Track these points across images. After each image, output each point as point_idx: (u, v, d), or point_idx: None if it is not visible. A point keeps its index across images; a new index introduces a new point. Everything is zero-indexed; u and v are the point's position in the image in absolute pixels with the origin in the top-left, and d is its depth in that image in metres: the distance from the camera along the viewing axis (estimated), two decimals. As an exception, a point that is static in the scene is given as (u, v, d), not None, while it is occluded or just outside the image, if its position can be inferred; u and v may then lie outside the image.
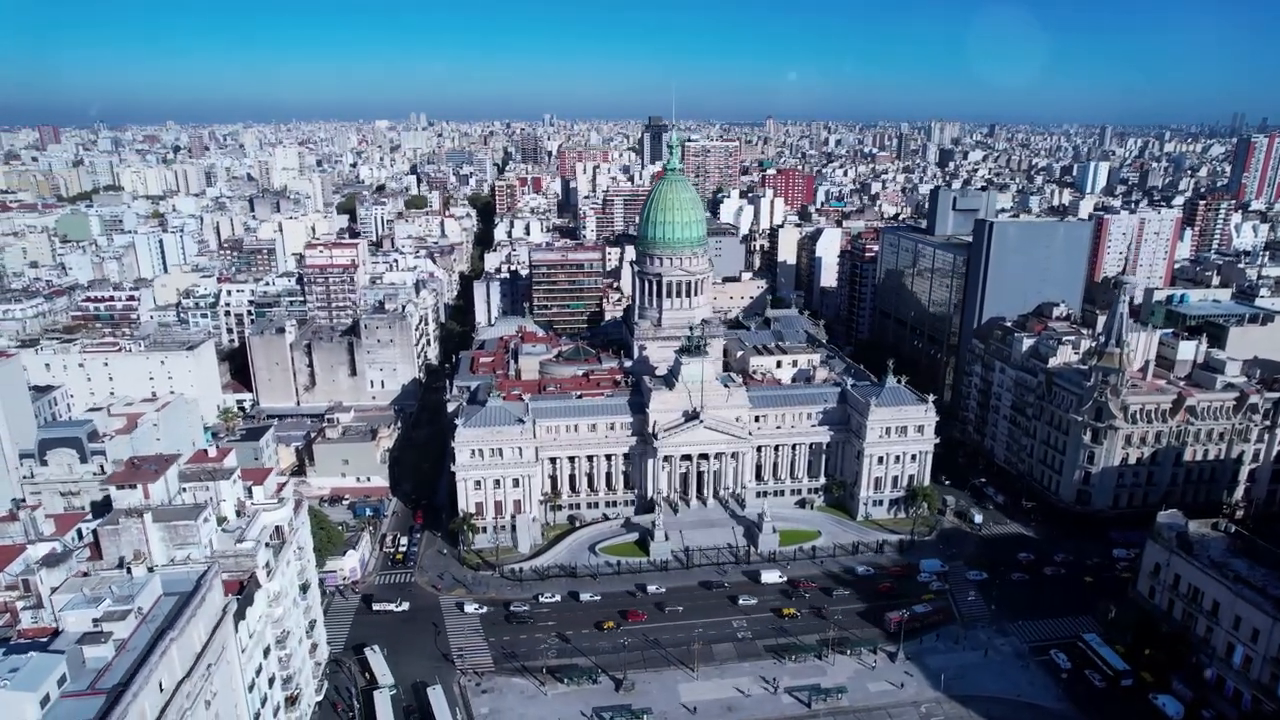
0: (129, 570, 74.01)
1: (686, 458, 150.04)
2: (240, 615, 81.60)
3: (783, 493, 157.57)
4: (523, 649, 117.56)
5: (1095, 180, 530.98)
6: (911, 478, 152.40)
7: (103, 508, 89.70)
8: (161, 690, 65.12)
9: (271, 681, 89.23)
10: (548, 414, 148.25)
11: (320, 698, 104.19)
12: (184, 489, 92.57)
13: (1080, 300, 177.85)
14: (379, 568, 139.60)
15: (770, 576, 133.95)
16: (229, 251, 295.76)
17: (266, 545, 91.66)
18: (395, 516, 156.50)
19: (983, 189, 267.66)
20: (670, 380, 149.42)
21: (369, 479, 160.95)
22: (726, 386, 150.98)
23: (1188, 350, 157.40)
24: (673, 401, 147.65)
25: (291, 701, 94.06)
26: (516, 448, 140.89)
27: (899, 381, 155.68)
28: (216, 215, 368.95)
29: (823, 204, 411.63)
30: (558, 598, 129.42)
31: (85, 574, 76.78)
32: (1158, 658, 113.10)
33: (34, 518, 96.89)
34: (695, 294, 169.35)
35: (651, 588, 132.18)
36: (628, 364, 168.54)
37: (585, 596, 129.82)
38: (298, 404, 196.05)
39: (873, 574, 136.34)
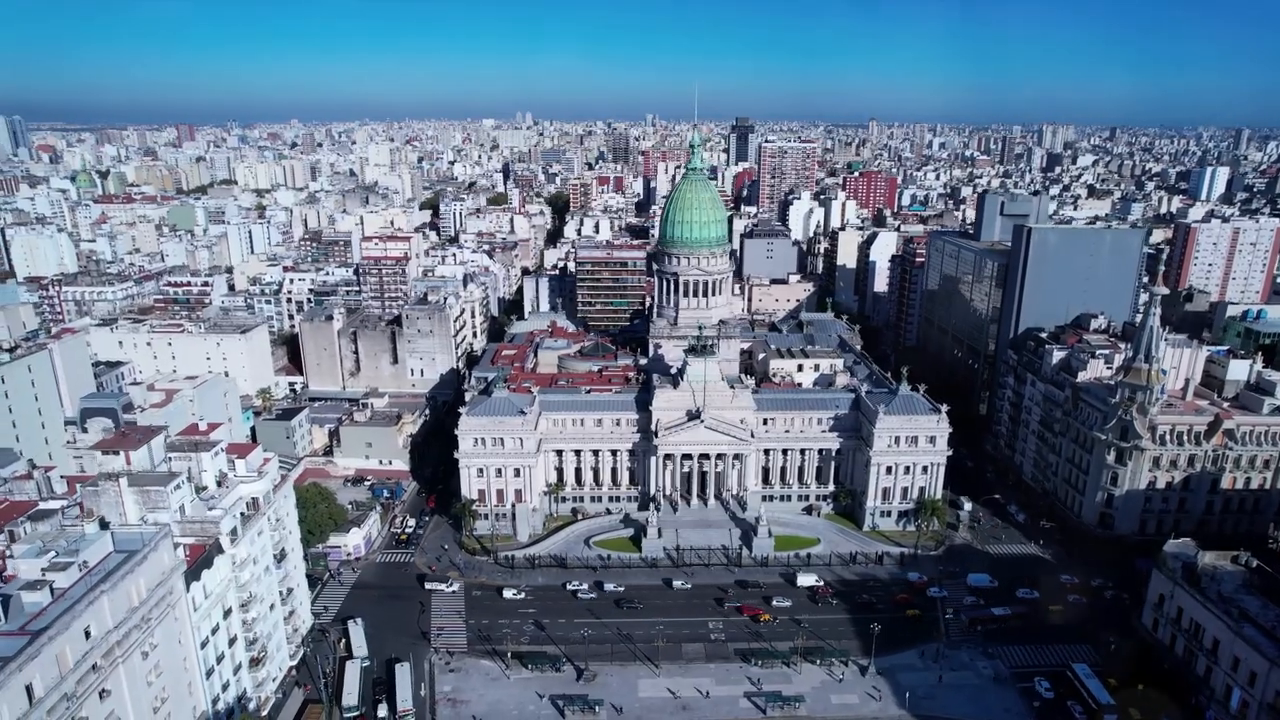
0: (83, 527, 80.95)
1: (688, 457, 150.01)
2: (195, 576, 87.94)
3: (790, 498, 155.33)
4: (498, 633, 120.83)
5: (1212, 186, 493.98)
6: (922, 490, 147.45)
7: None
8: (89, 637, 71.26)
9: (233, 641, 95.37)
10: (554, 407, 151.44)
11: (295, 663, 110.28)
12: (169, 458, 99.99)
13: (1128, 313, 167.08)
14: (384, 546, 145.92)
15: (806, 580, 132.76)
16: (309, 242, 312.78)
17: (240, 515, 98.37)
18: (410, 499, 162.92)
19: (1034, 193, 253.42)
20: (676, 379, 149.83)
21: (390, 462, 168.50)
22: (732, 388, 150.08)
23: (1239, 369, 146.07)
24: (677, 400, 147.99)
25: (256, 663, 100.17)
26: (518, 438, 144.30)
27: (916, 390, 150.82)
28: (305, 208, 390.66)
29: (901, 208, 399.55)
30: (585, 586, 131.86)
31: (61, 529, 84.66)
32: (1151, 694, 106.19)
33: (48, 478, 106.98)
34: (713, 294, 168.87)
35: (677, 583, 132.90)
36: (643, 362, 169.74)
37: (609, 586, 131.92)
38: (343, 388, 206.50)
39: (924, 579, 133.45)
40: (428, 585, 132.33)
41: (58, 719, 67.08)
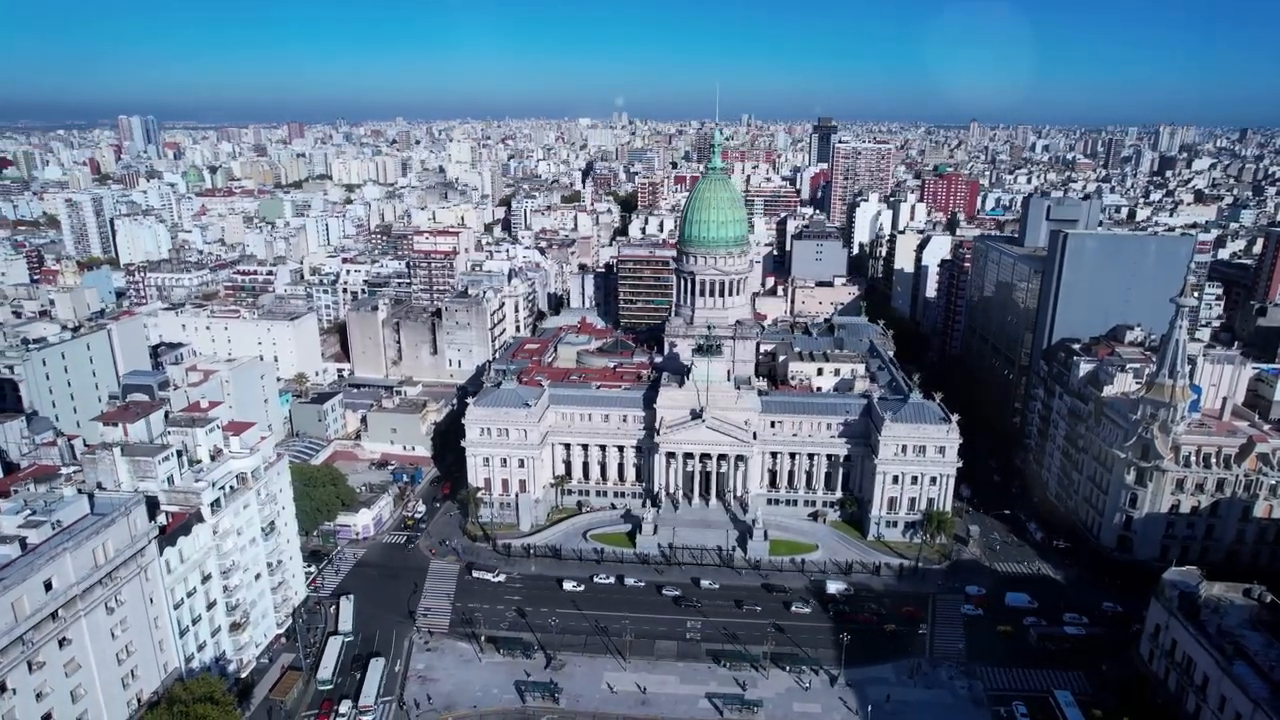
0: (61, 490, 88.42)
1: (691, 456, 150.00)
2: (170, 542, 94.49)
3: (796, 503, 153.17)
4: (480, 616, 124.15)
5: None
6: (931, 501, 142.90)
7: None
8: (49, 589, 77.94)
9: (211, 605, 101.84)
10: (563, 401, 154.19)
11: (282, 630, 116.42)
12: (168, 432, 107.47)
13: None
14: (393, 528, 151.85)
15: (835, 586, 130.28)
16: (380, 235, 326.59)
17: (227, 488, 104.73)
18: (428, 484, 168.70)
19: (1084, 197, 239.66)
20: (682, 378, 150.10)
21: (414, 448, 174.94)
22: (738, 388, 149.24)
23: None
24: (681, 399, 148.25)
25: (237, 627, 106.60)
26: (522, 429, 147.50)
27: (931, 398, 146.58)
28: (384, 203, 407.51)
29: (979, 212, 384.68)
30: (611, 580, 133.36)
31: (50, 490, 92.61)
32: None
33: (71, 445, 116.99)
34: (730, 294, 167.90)
35: (705, 583, 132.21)
36: (659, 359, 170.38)
37: (630, 581, 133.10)
38: (386, 376, 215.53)
39: (983, 594, 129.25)
40: (475, 574, 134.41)
41: (11, 660, 73.83)
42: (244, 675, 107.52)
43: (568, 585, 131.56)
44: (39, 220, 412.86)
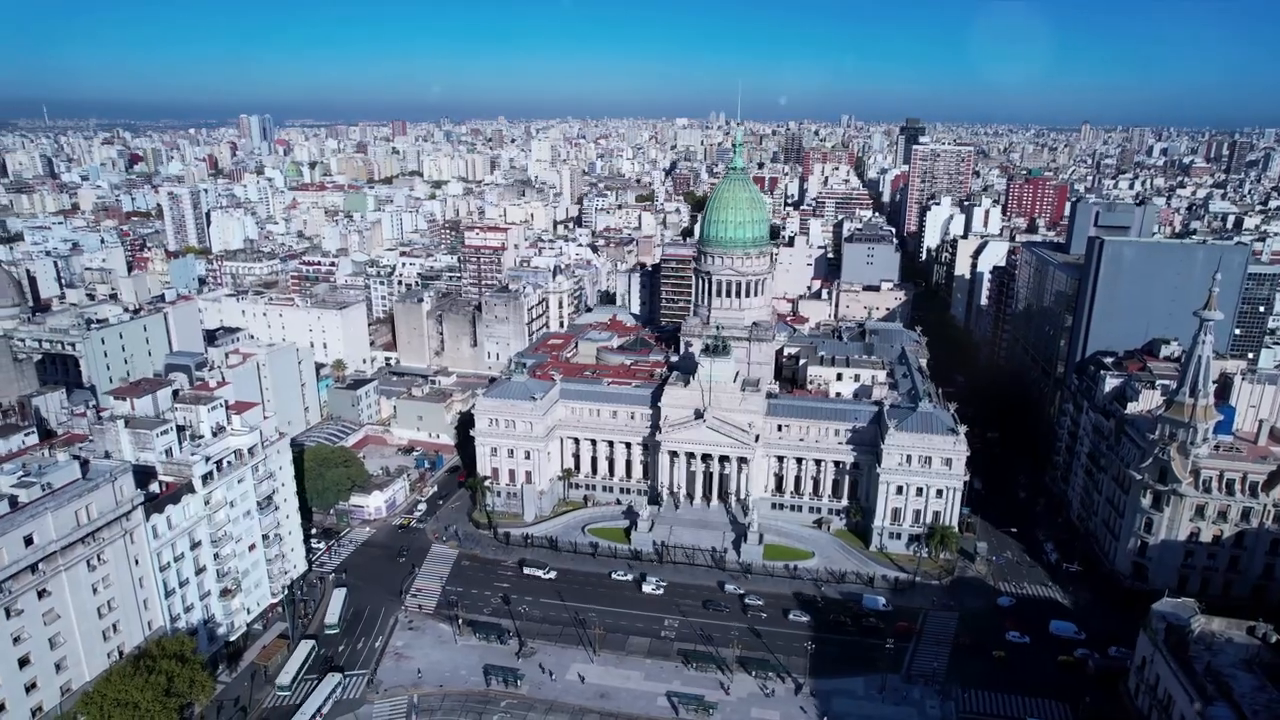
0: (56, 456, 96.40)
1: (692, 456, 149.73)
2: (158, 509, 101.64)
3: (801, 508, 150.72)
4: (466, 601, 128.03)
5: None
6: (937, 514, 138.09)
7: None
8: (29, 544, 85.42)
9: (200, 571, 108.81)
10: (573, 396, 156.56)
11: (276, 600, 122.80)
12: (175, 408, 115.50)
13: (1228, 340, 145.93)
14: (405, 510, 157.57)
15: (872, 601, 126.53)
16: (448, 230, 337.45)
17: (221, 462, 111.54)
18: (447, 472, 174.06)
19: (1139, 202, 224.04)
20: (688, 377, 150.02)
21: (438, 436, 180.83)
22: (743, 390, 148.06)
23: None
24: (686, 399, 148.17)
25: (228, 593, 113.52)
26: (528, 422, 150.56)
27: (947, 409, 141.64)
28: (460, 200, 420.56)
29: (1063, 218, 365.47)
30: (629, 577, 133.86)
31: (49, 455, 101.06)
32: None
33: (99, 416, 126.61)
34: (748, 295, 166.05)
35: (729, 587, 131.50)
36: (675, 359, 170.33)
37: (650, 580, 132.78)
38: (429, 365, 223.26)
39: (1013, 604, 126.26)
40: (526, 570, 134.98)
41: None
42: (233, 639, 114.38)
43: (646, 588, 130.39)
44: (150, 212, 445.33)
